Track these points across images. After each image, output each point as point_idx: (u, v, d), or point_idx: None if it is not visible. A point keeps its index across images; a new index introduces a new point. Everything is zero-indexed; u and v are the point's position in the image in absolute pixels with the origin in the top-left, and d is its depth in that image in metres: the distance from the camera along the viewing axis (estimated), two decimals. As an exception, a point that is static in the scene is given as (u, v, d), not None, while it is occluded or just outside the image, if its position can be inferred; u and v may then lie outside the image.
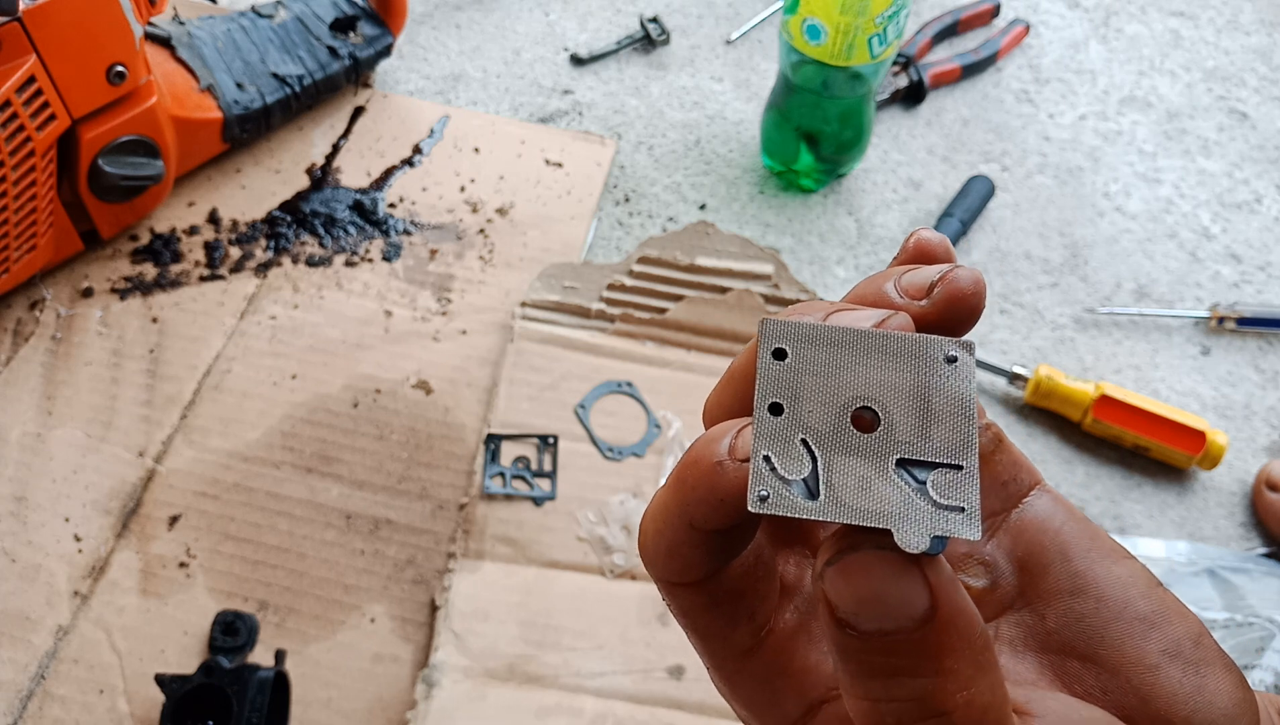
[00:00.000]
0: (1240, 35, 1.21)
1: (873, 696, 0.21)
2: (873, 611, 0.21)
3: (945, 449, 0.22)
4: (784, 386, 0.23)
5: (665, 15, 1.15)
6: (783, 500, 0.22)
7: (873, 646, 0.21)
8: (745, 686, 0.26)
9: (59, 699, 0.68)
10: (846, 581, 0.21)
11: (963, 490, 0.22)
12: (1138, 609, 0.25)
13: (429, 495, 0.79)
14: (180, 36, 0.94)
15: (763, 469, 0.22)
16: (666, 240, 0.93)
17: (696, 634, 0.26)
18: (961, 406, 0.23)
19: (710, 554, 0.25)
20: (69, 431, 0.79)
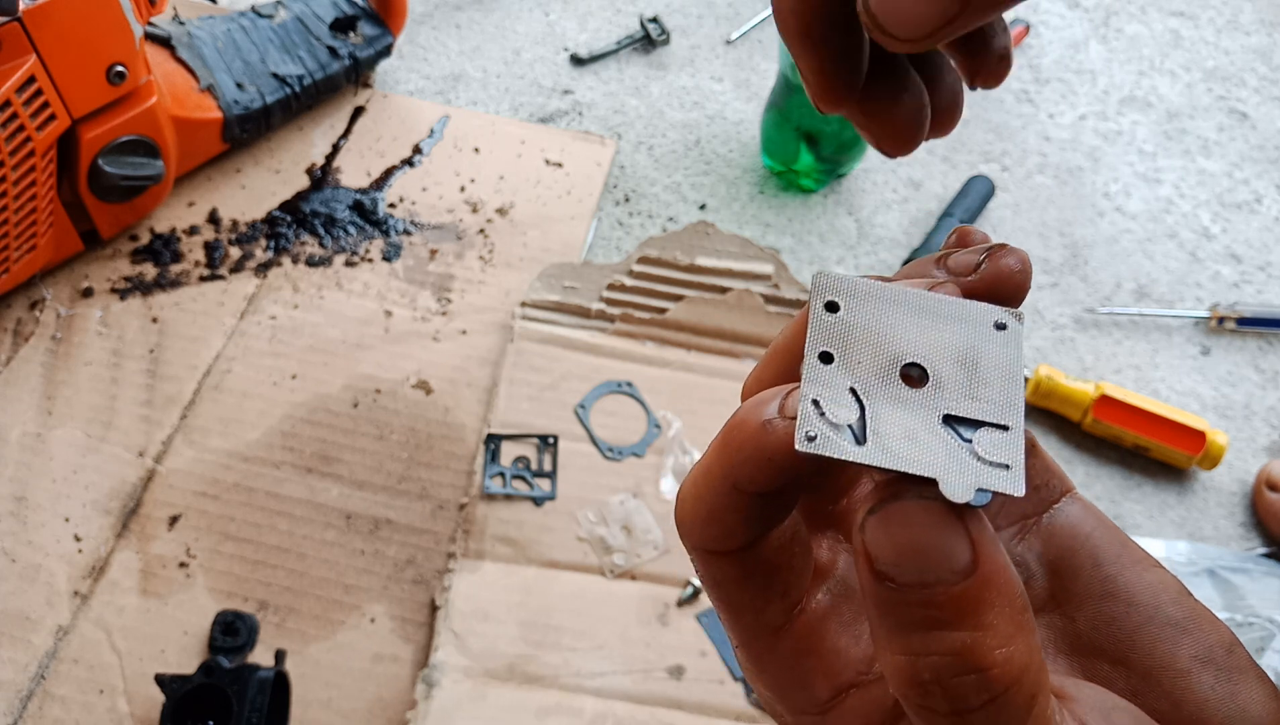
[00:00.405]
0: (1240, 35, 1.21)
1: (910, 651, 0.21)
2: (914, 563, 0.20)
3: (992, 410, 0.22)
4: (835, 337, 0.23)
5: (665, 15, 1.15)
6: (830, 442, 0.22)
7: (912, 599, 0.20)
8: (773, 666, 0.26)
9: (59, 699, 0.68)
10: (888, 531, 0.21)
11: (1008, 449, 0.22)
12: (1169, 614, 0.25)
13: (429, 495, 0.79)
14: (180, 36, 0.94)
15: (811, 412, 0.22)
16: (666, 240, 0.93)
17: (728, 608, 0.26)
18: (1009, 372, 0.23)
19: (751, 521, 0.24)
20: (69, 431, 0.79)
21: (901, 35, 0.23)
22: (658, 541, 0.77)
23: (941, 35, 0.23)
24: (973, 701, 0.20)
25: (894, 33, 0.23)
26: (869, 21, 0.23)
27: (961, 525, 0.21)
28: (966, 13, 0.22)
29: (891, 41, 0.23)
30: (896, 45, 0.23)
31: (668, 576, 0.76)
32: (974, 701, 0.20)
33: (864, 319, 0.23)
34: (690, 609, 0.74)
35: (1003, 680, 0.20)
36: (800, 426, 0.22)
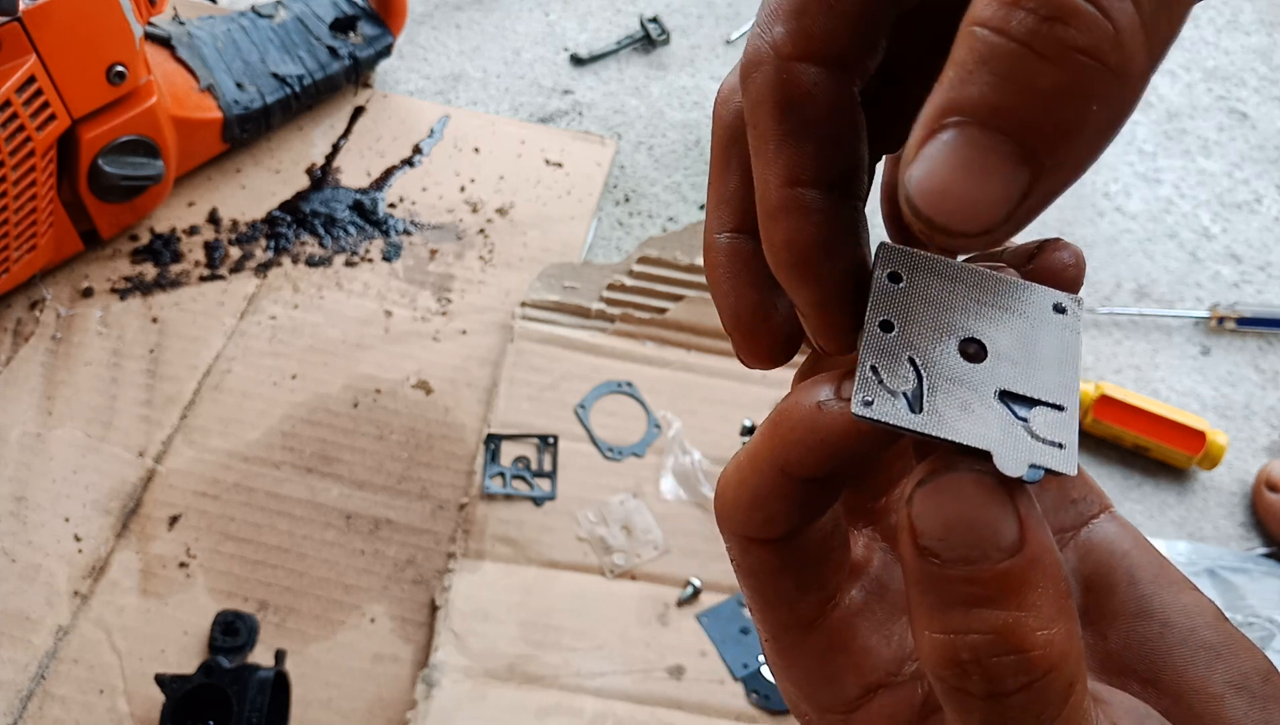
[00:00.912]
0: (1240, 35, 1.21)
1: (950, 629, 0.20)
2: (960, 537, 0.20)
3: (1049, 390, 0.22)
4: (896, 307, 0.23)
5: (665, 15, 1.15)
6: (887, 409, 0.22)
7: (955, 575, 0.20)
8: (802, 661, 0.25)
9: (59, 699, 0.68)
10: (937, 503, 0.20)
11: (1063, 429, 0.22)
12: (1203, 638, 0.25)
13: (429, 495, 0.79)
14: (180, 36, 0.94)
15: (869, 377, 0.22)
16: (666, 240, 0.93)
17: (762, 599, 0.25)
18: (1067, 354, 0.23)
19: (796, 507, 0.24)
20: (69, 431, 0.79)
21: (970, 230, 0.18)
22: (658, 541, 0.77)
23: (1016, 221, 0.18)
24: (1010, 684, 0.20)
25: (957, 229, 0.18)
26: (920, 225, 0.18)
27: (1011, 502, 0.20)
28: (1041, 179, 0.18)
29: (956, 241, 0.18)
30: (963, 244, 0.19)
31: (668, 576, 0.76)
32: (1011, 684, 0.20)
33: (925, 292, 0.23)
34: (690, 609, 0.74)
35: (1043, 663, 0.20)
36: (858, 391, 0.22)
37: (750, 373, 0.86)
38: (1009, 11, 0.17)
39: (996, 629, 0.20)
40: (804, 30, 0.21)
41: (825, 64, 0.22)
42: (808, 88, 0.22)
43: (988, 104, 0.17)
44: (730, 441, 0.81)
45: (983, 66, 0.17)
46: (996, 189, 0.18)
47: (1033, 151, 0.18)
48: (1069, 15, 0.17)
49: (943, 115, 0.18)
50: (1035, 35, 0.17)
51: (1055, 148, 0.18)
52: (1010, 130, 0.17)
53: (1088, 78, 0.17)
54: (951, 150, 0.18)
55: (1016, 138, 0.17)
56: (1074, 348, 0.23)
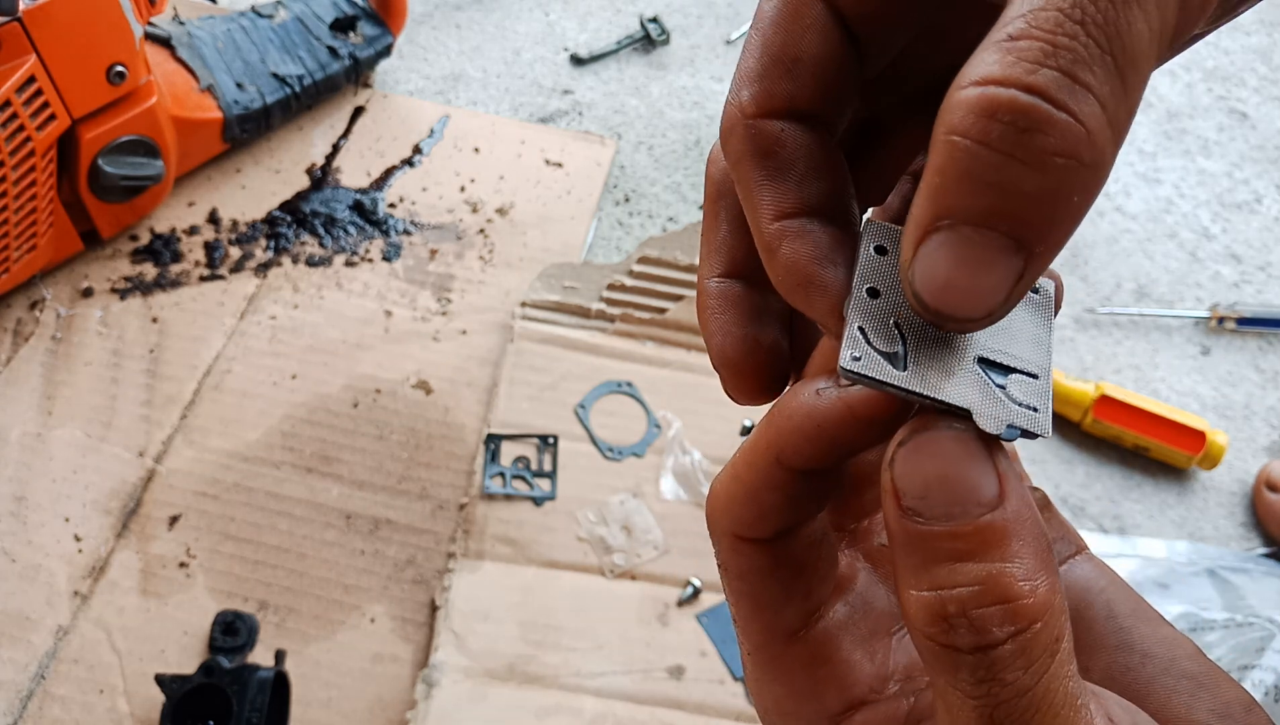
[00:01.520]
0: (1240, 35, 1.21)
1: (935, 585, 0.21)
2: (941, 494, 0.21)
3: (1024, 360, 0.23)
4: (882, 276, 0.24)
5: (665, 15, 1.15)
6: (874, 365, 0.23)
7: (938, 532, 0.21)
8: (784, 674, 0.26)
9: (59, 699, 0.68)
10: (917, 462, 0.21)
11: (1039, 395, 0.23)
12: (1185, 668, 0.25)
13: (429, 495, 0.79)
14: (180, 36, 0.94)
15: (858, 336, 0.23)
16: (666, 240, 0.93)
17: (749, 603, 0.26)
18: (1040, 330, 0.24)
19: (788, 502, 0.25)
20: (69, 431, 0.79)
21: (975, 315, 0.21)
22: (658, 541, 0.77)
23: (1014, 298, 0.21)
24: (998, 634, 0.20)
25: (964, 316, 0.21)
26: (929, 316, 0.21)
27: (990, 459, 0.21)
28: (1033, 263, 0.20)
29: (964, 326, 0.21)
30: (969, 327, 0.21)
31: (668, 576, 0.76)
32: (999, 634, 0.20)
33: None
34: (690, 609, 0.74)
35: (1029, 613, 0.20)
36: (845, 348, 0.23)
37: (750, 373, 0.86)
38: (987, 123, 0.19)
39: (981, 580, 0.20)
40: (766, 92, 0.24)
41: (790, 118, 0.24)
42: (777, 135, 0.24)
43: (979, 208, 0.19)
44: (730, 441, 0.81)
45: (969, 174, 0.19)
46: (995, 278, 0.20)
47: (1024, 242, 0.20)
48: (1044, 124, 0.19)
49: (936, 219, 0.20)
50: (1016, 146, 0.19)
51: (1044, 236, 0.20)
52: (1002, 228, 0.19)
53: (1068, 177, 0.19)
54: (950, 249, 0.20)
55: (1008, 234, 0.19)
56: (1045, 328, 0.24)
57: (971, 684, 0.20)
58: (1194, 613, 0.74)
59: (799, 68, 0.24)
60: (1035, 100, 0.19)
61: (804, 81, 0.24)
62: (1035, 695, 0.20)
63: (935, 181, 0.20)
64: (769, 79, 0.24)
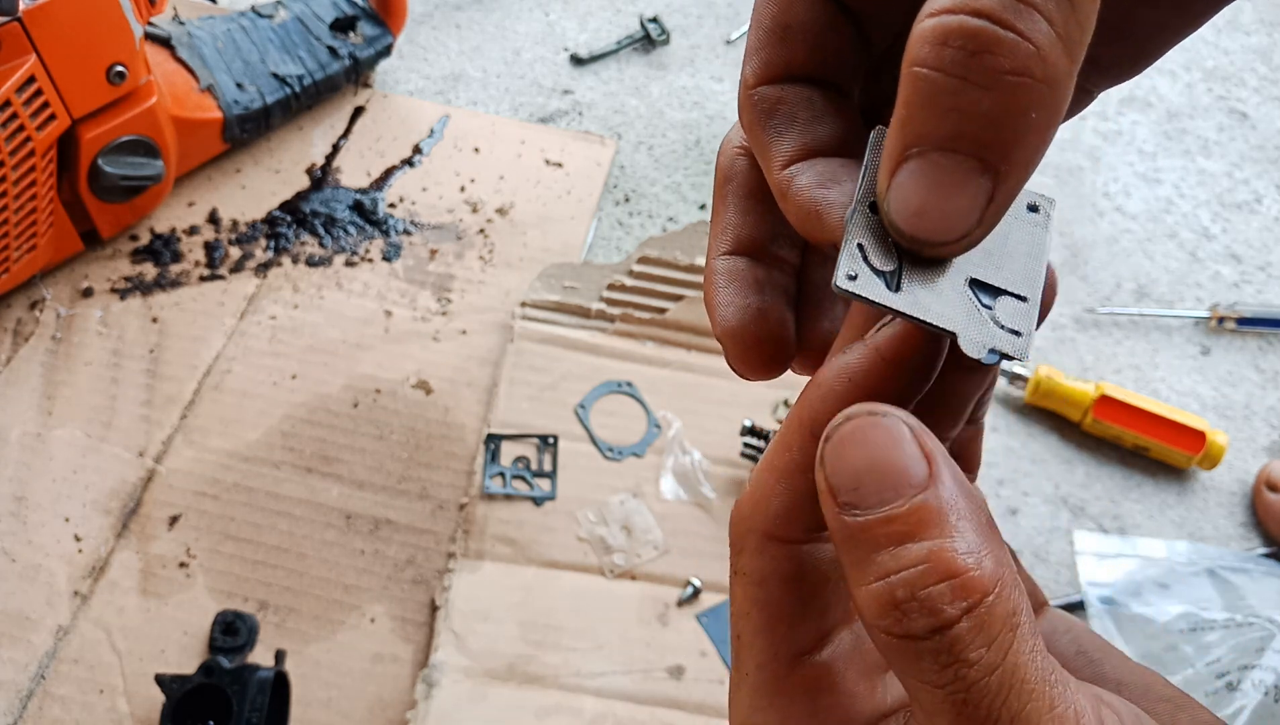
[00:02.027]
0: (1240, 35, 1.21)
1: (882, 573, 0.20)
2: (873, 483, 0.21)
3: (1015, 281, 0.24)
4: None
5: (665, 15, 1.15)
6: (868, 284, 0.23)
7: (875, 521, 0.21)
8: (785, 697, 0.25)
9: (59, 699, 0.68)
10: (845, 454, 0.21)
11: (1024, 319, 0.24)
12: (1161, 692, 0.25)
13: (429, 495, 0.79)
14: (180, 36, 0.94)
15: (856, 253, 0.23)
16: (666, 240, 0.93)
17: (764, 615, 0.25)
18: (1035, 249, 0.24)
19: None
20: (69, 431, 0.79)
21: (950, 238, 0.21)
22: (658, 541, 0.77)
23: (988, 220, 0.21)
24: (951, 613, 0.20)
25: (940, 240, 0.21)
26: (906, 242, 0.22)
27: (916, 442, 0.21)
28: (1002, 182, 0.21)
29: (942, 250, 0.22)
30: (946, 251, 0.22)
31: (668, 576, 0.76)
32: (952, 612, 0.20)
33: None
34: (690, 609, 0.74)
35: (978, 586, 0.20)
36: (842, 265, 0.23)
37: (750, 373, 0.86)
38: (940, 50, 0.20)
39: (923, 559, 0.20)
40: (763, 61, 0.25)
41: (789, 81, 0.25)
42: (778, 96, 0.25)
43: (942, 133, 0.20)
44: (730, 441, 0.81)
45: (930, 101, 0.20)
46: (966, 200, 0.21)
47: (989, 162, 0.20)
48: (993, 45, 0.19)
49: (905, 147, 0.21)
50: (968, 69, 0.19)
51: (1008, 155, 0.20)
52: (966, 150, 0.20)
53: (1022, 94, 0.20)
54: (920, 175, 0.21)
55: (973, 155, 0.20)
56: (1042, 244, 0.25)
57: (936, 671, 0.20)
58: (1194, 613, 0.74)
59: (790, 35, 0.25)
60: (982, 23, 0.19)
61: (796, 47, 0.25)
62: (1004, 673, 0.20)
63: (902, 113, 0.20)
64: (765, 49, 0.25)
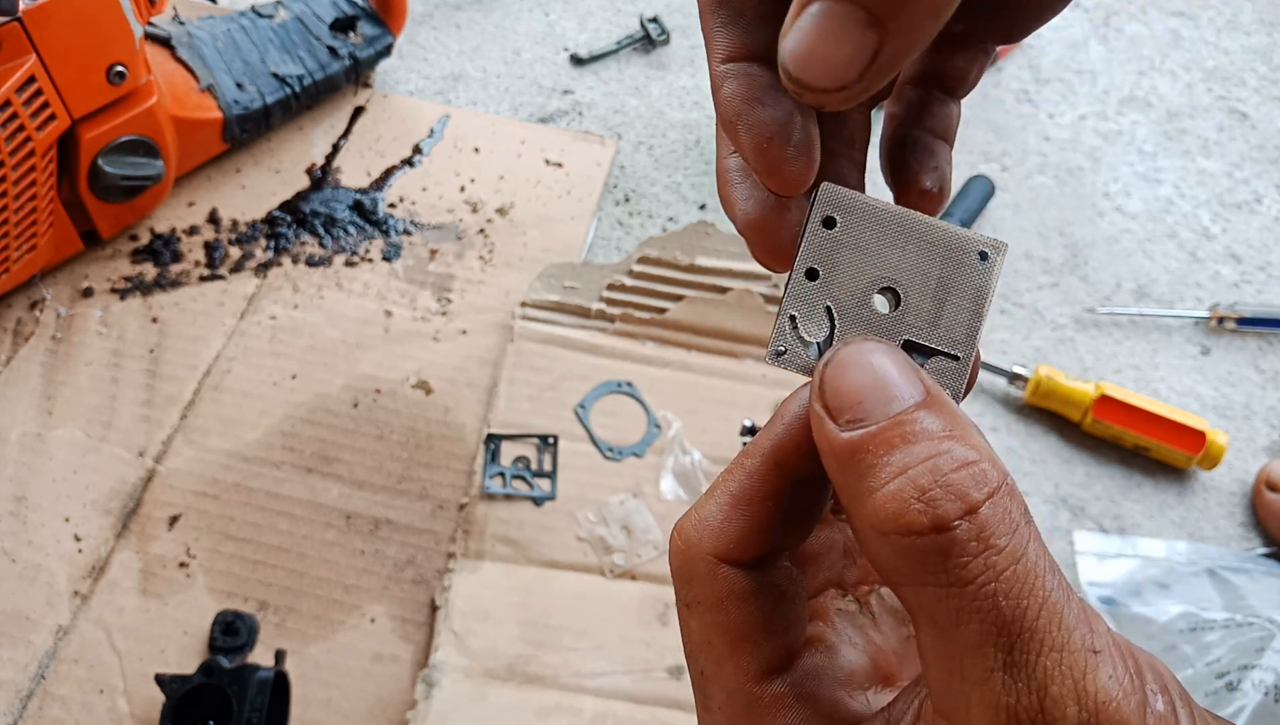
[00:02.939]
0: (1240, 35, 1.21)
1: (898, 468, 0.21)
2: (877, 396, 0.22)
3: (949, 339, 0.24)
4: (824, 255, 0.25)
5: (665, 15, 1.15)
6: (796, 358, 0.24)
7: (883, 426, 0.21)
8: (765, 715, 0.24)
9: (59, 699, 0.68)
10: (847, 375, 0.22)
11: (954, 379, 0.24)
12: None
13: (429, 495, 0.79)
14: (180, 36, 0.94)
15: (786, 327, 0.24)
16: (666, 240, 0.93)
17: (725, 640, 0.24)
18: (975, 301, 0.25)
19: (780, 519, 0.24)
20: (69, 431, 0.79)
21: (828, 85, 0.22)
22: (658, 541, 0.77)
23: (870, 78, 0.22)
24: (977, 496, 0.20)
25: (819, 85, 0.22)
26: (791, 85, 0.22)
27: (912, 365, 0.23)
28: (889, 40, 0.21)
29: (820, 97, 0.22)
30: (825, 100, 0.22)
31: (668, 577, 0.75)
32: (978, 495, 0.20)
33: (856, 237, 0.25)
34: (690, 609, 0.74)
35: (994, 475, 0.20)
36: (774, 342, 0.24)
37: (750, 372, 0.86)
38: None
39: (939, 450, 0.21)
40: None
41: None
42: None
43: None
44: (730, 441, 0.82)
45: None
46: (849, 49, 0.21)
47: (878, 17, 0.21)
48: None
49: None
50: None
51: (897, 13, 0.21)
52: (860, 1, 0.21)
53: None
54: (815, 20, 0.22)
55: (865, 6, 0.21)
56: (983, 295, 0.25)
57: (965, 563, 0.20)
58: (1194, 613, 0.74)
59: None
60: None
61: None
62: (1028, 562, 0.20)
63: None
64: None
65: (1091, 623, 0.20)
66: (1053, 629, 0.20)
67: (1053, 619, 0.20)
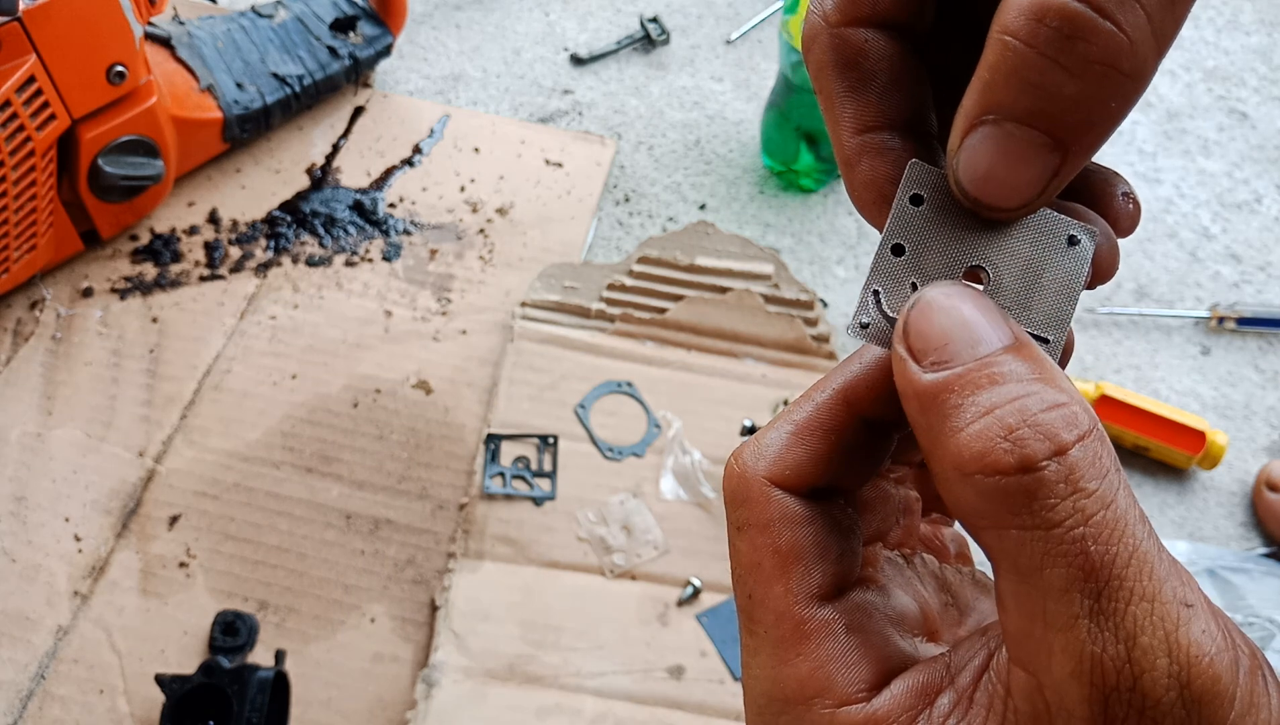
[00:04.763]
0: (1240, 35, 1.21)
1: (986, 407, 0.20)
2: (964, 337, 0.21)
3: (1040, 321, 0.24)
4: (911, 231, 0.24)
5: (665, 15, 1.15)
6: (881, 332, 0.24)
7: (970, 367, 0.21)
8: (813, 641, 0.23)
9: (59, 699, 0.68)
10: (932, 316, 0.22)
11: None
12: None
13: (429, 495, 0.79)
14: (180, 36, 0.94)
15: (869, 301, 0.24)
16: (666, 240, 0.93)
17: (775, 560, 0.24)
18: (1068, 287, 0.24)
19: (842, 456, 0.24)
20: (69, 431, 0.79)
21: (1010, 205, 0.22)
22: (658, 541, 0.77)
23: (1049, 193, 0.22)
24: (1067, 437, 0.20)
25: (1000, 205, 0.22)
26: (969, 202, 0.23)
27: (997, 308, 0.22)
28: (1069, 161, 0.21)
29: (999, 214, 0.23)
30: (1004, 215, 0.23)
31: (668, 576, 0.76)
32: (1068, 437, 0.20)
33: (943, 216, 0.24)
34: (690, 609, 0.74)
35: (1085, 419, 0.20)
36: (856, 314, 0.24)
37: (750, 372, 0.86)
38: (1035, 26, 0.20)
39: (1027, 391, 0.20)
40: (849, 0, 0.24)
41: (873, 26, 0.24)
42: (861, 44, 0.24)
43: (1022, 106, 0.21)
44: (730, 441, 0.81)
45: (1015, 74, 0.20)
46: (1033, 172, 0.21)
47: (1061, 141, 0.21)
48: (1089, 32, 0.20)
49: (982, 112, 0.21)
50: (1060, 51, 0.20)
51: (1080, 136, 0.21)
52: (1042, 126, 0.21)
53: (1107, 84, 0.20)
54: (994, 142, 0.21)
55: (1047, 131, 0.21)
56: (1077, 281, 0.24)
57: (1054, 505, 0.19)
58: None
59: None
60: (1083, 8, 0.20)
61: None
62: (1117, 509, 0.19)
63: (985, 77, 0.21)
64: None
65: (1184, 577, 0.20)
66: (1143, 578, 0.19)
67: (1143, 568, 0.19)
